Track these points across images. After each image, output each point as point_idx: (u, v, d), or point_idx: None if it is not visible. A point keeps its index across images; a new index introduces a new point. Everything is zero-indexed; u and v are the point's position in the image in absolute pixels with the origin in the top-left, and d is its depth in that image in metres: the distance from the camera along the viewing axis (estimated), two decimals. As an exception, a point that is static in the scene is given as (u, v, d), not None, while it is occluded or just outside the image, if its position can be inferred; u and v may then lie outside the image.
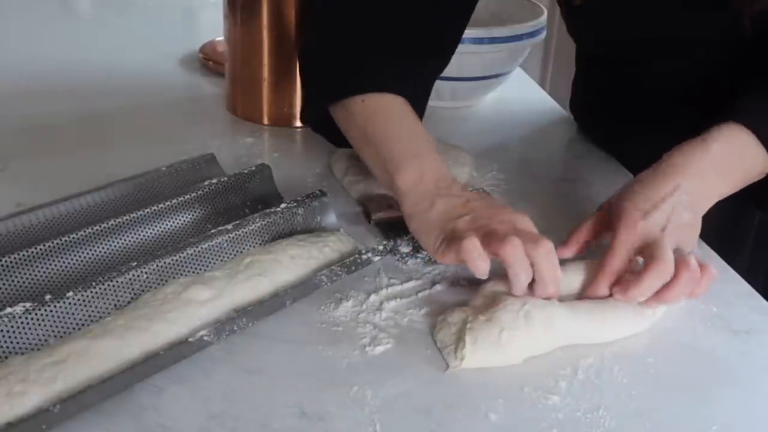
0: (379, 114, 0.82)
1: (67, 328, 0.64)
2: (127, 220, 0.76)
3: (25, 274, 0.70)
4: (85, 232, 0.74)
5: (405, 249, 0.80)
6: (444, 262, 0.74)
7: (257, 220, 0.77)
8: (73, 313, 0.65)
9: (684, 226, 0.73)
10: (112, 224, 0.75)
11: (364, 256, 0.76)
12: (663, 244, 0.69)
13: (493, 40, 1.12)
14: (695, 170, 0.74)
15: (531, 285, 0.70)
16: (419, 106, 0.89)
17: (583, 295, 0.72)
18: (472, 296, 0.72)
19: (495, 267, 0.71)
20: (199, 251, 0.73)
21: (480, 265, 0.69)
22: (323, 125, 0.90)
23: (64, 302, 0.64)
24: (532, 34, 1.14)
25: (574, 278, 0.73)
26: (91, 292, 0.66)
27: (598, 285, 0.70)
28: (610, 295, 0.70)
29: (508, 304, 0.68)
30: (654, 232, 0.71)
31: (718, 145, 0.75)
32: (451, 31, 0.93)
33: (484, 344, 0.65)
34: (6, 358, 0.61)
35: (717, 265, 0.81)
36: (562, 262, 0.72)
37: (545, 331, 0.67)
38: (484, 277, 0.70)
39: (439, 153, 0.92)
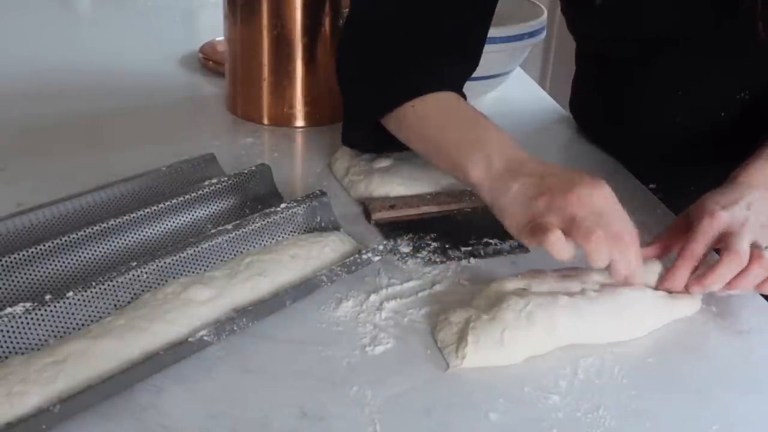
0: (432, 115, 0.82)
1: (67, 328, 0.64)
2: (127, 220, 0.76)
3: (25, 274, 0.70)
4: (85, 232, 0.74)
5: (405, 249, 0.80)
6: (529, 245, 0.73)
7: (257, 220, 0.77)
8: (73, 313, 0.65)
9: (763, 225, 0.73)
10: (112, 224, 0.75)
11: (364, 256, 0.76)
12: (740, 234, 0.70)
13: (493, 40, 1.11)
14: (763, 182, 0.76)
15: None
16: None
17: (660, 283, 0.73)
18: (473, 296, 0.72)
19: (498, 270, 0.71)
20: (199, 251, 0.73)
21: (565, 255, 0.68)
22: (365, 141, 0.90)
23: (64, 302, 0.64)
24: (532, 34, 1.14)
25: (648, 275, 0.73)
26: (91, 292, 0.66)
27: (677, 269, 0.72)
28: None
29: (511, 304, 0.68)
30: (734, 225, 0.72)
31: None
32: (480, 30, 0.92)
33: (486, 343, 0.65)
34: (6, 358, 0.61)
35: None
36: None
37: (547, 331, 0.67)
38: (569, 258, 0.69)
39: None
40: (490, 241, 0.82)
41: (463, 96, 0.87)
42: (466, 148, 0.77)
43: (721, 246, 0.71)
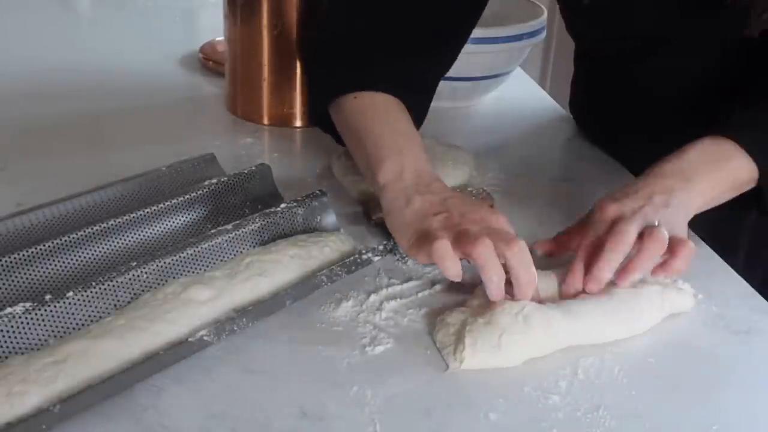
0: (367, 111, 0.83)
1: (67, 328, 0.64)
2: (127, 220, 0.76)
3: (25, 274, 0.70)
4: (85, 232, 0.74)
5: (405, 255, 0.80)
6: (418, 261, 0.74)
7: (257, 220, 0.77)
8: (73, 313, 0.65)
9: (664, 210, 0.72)
10: (112, 224, 0.75)
11: (364, 256, 0.76)
12: (625, 220, 0.70)
13: (493, 40, 1.12)
14: (677, 173, 0.74)
15: (509, 289, 0.69)
16: (419, 105, 0.89)
17: (563, 284, 0.72)
18: (471, 296, 0.72)
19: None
20: (199, 251, 0.73)
21: (450, 266, 0.69)
22: (327, 124, 0.90)
23: (64, 302, 0.64)
24: (532, 34, 1.14)
25: (554, 281, 0.72)
26: (91, 292, 0.66)
27: (572, 267, 0.71)
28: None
29: (506, 307, 0.68)
30: (625, 213, 0.71)
31: (698, 153, 0.76)
32: (454, 32, 0.92)
33: (484, 347, 0.65)
34: (6, 358, 0.61)
35: (717, 265, 0.81)
36: (545, 266, 0.72)
37: (545, 334, 0.67)
38: (457, 279, 0.70)
39: (440, 153, 0.93)
40: (490, 241, 0.82)
41: (427, 94, 0.90)
42: (384, 152, 0.78)
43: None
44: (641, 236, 0.70)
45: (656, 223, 0.70)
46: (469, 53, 1.10)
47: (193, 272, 0.72)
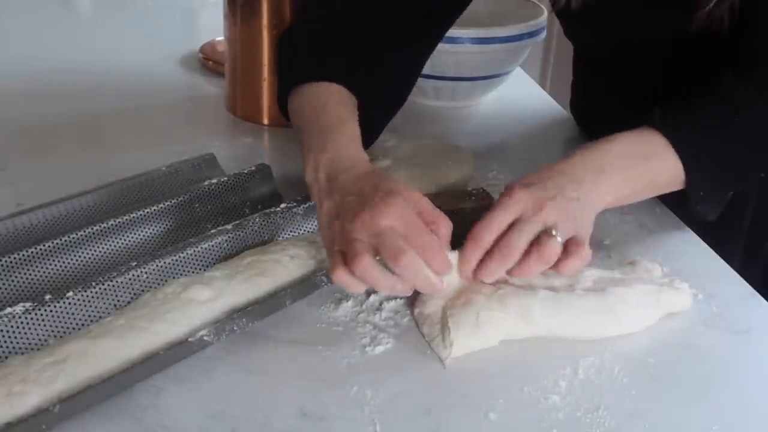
0: (303, 104, 0.82)
1: (67, 328, 0.64)
2: (127, 220, 0.76)
3: (25, 274, 0.70)
4: (85, 232, 0.74)
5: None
6: None
7: (257, 220, 0.77)
8: (73, 313, 0.65)
9: (569, 211, 0.69)
10: (112, 224, 0.75)
11: (364, 256, 0.76)
12: (518, 228, 0.67)
13: (493, 40, 1.11)
14: (591, 164, 0.72)
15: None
16: (382, 101, 0.88)
17: (461, 276, 0.69)
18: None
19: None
20: (199, 251, 0.73)
21: (353, 288, 0.66)
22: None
23: (64, 302, 0.64)
24: (532, 34, 1.14)
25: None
26: (91, 292, 0.66)
27: (464, 254, 0.67)
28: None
29: (482, 288, 0.69)
30: (529, 209, 0.68)
31: (621, 146, 0.74)
32: (424, 28, 0.91)
33: (466, 328, 0.66)
34: (6, 358, 0.61)
35: (717, 265, 0.81)
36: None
37: (521, 316, 0.68)
38: (361, 291, 0.68)
39: (440, 153, 0.92)
40: (490, 241, 0.82)
41: (392, 89, 0.88)
42: (309, 147, 0.76)
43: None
44: (535, 241, 0.67)
45: (553, 232, 0.67)
46: (469, 53, 1.11)
47: (193, 272, 0.72)
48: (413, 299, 0.71)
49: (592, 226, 0.72)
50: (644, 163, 0.74)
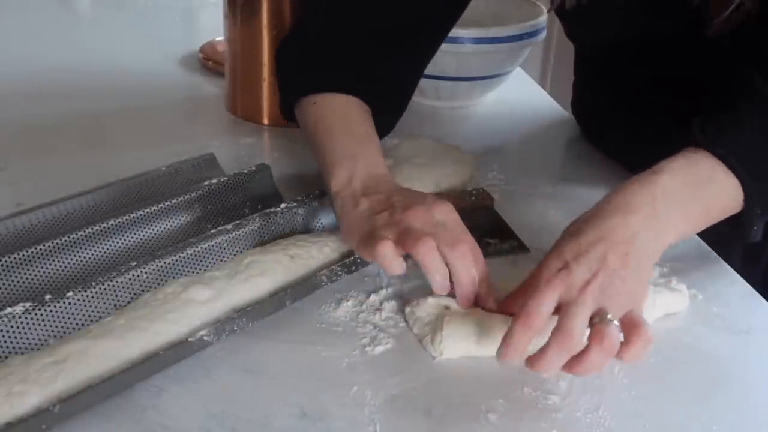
0: (325, 116, 0.82)
1: (67, 328, 0.64)
2: (127, 220, 0.76)
3: (25, 274, 0.70)
4: (85, 232, 0.74)
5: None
6: (365, 259, 0.73)
7: (257, 220, 0.77)
8: (73, 313, 0.65)
9: (619, 278, 0.62)
10: (112, 224, 0.75)
11: (364, 256, 0.76)
12: (570, 312, 0.60)
13: (493, 40, 1.11)
14: (645, 205, 0.65)
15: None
16: (392, 102, 0.88)
17: (499, 351, 0.62)
18: None
19: (498, 270, 0.70)
20: (199, 251, 0.73)
21: (393, 267, 0.68)
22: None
23: (64, 302, 0.64)
24: (532, 34, 1.14)
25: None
26: (91, 292, 0.66)
27: (513, 338, 0.60)
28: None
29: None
30: (571, 293, 0.61)
31: (672, 177, 0.67)
32: (429, 29, 0.92)
33: (460, 340, 0.66)
34: (6, 358, 0.61)
35: (717, 265, 0.81)
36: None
37: None
38: (399, 273, 0.69)
39: (440, 153, 0.92)
40: (491, 241, 0.82)
41: (399, 95, 0.89)
42: (336, 158, 0.78)
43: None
44: (593, 333, 0.60)
45: (608, 317, 0.60)
46: (469, 53, 1.11)
47: (193, 272, 0.72)
48: (407, 300, 0.72)
49: (646, 290, 0.66)
50: (700, 191, 0.68)
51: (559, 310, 0.61)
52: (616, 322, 0.60)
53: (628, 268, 0.62)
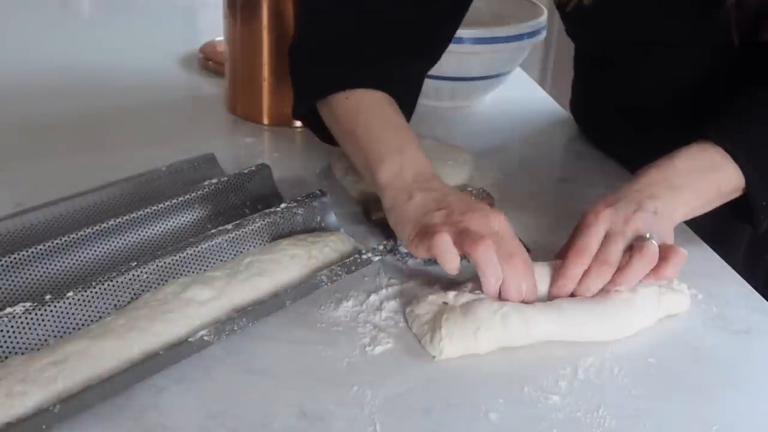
0: (361, 110, 0.83)
1: (67, 328, 0.64)
2: (127, 220, 0.76)
3: (25, 274, 0.70)
4: (85, 232, 0.74)
5: (405, 249, 0.80)
6: (417, 255, 0.74)
7: (257, 220, 0.77)
8: (73, 313, 0.65)
9: (653, 217, 0.72)
10: (112, 224, 0.75)
11: (364, 256, 0.76)
12: (612, 240, 0.70)
13: (493, 40, 1.12)
14: (663, 180, 0.75)
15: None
16: (407, 102, 0.89)
17: (550, 287, 0.71)
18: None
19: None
20: (199, 251, 0.73)
21: (450, 260, 0.69)
22: (312, 122, 0.90)
23: (64, 302, 0.64)
24: (532, 34, 1.14)
25: (541, 280, 0.72)
26: (91, 292, 0.66)
27: (567, 270, 0.70)
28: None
29: (485, 299, 0.69)
30: (616, 222, 0.71)
31: (684, 162, 0.76)
32: (440, 29, 0.92)
33: (459, 338, 0.66)
34: (6, 358, 0.61)
35: (717, 265, 0.81)
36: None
37: (521, 332, 0.67)
38: (454, 273, 0.70)
39: (440, 153, 0.93)
40: (490, 241, 0.82)
41: (415, 92, 0.90)
42: (383, 151, 0.78)
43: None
44: (631, 248, 0.70)
45: (647, 235, 0.71)
46: (469, 53, 1.11)
47: (193, 272, 0.72)
48: (407, 300, 0.72)
49: (672, 238, 0.74)
50: (711, 176, 0.76)
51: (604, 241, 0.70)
52: (654, 241, 0.70)
53: (658, 214, 0.73)
